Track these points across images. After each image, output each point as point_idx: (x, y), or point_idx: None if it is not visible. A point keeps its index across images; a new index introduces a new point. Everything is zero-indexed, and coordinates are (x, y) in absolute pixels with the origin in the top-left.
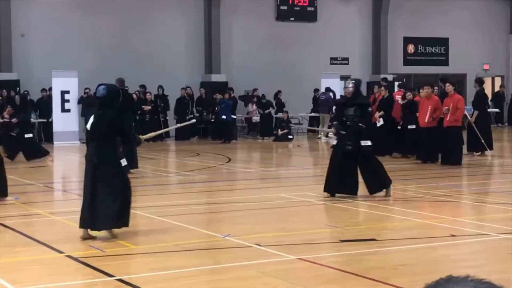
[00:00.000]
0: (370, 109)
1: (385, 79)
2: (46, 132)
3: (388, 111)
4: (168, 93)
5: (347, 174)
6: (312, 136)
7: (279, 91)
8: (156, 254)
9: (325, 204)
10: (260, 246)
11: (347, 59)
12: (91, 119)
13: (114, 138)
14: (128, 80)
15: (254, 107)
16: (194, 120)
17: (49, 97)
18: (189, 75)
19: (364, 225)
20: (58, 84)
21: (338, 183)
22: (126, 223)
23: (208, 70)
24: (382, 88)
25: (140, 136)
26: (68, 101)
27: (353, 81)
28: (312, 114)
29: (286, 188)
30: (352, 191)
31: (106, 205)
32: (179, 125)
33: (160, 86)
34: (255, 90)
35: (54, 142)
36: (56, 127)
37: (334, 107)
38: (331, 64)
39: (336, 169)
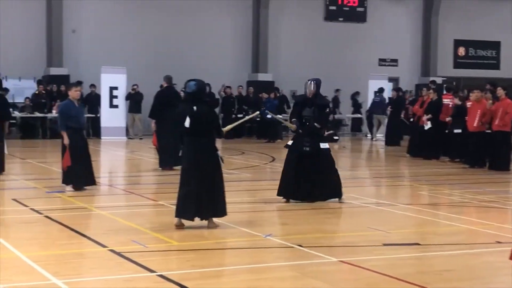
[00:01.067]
0: (328, 110)
1: (433, 82)
2: (94, 127)
3: (436, 114)
4: (214, 92)
5: (303, 178)
6: (358, 138)
7: (357, 92)
8: (198, 251)
9: (368, 207)
10: (301, 247)
11: (396, 60)
12: (188, 117)
13: (211, 132)
14: (174, 78)
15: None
16: (258, 112)
17: (97, 93)
18: (235, 74)
19: (407, 229)
20: (107, 80)
21: (293, 186)
22: (225, 212)
23: (254, 69)
24: (431, 90)
25: (222, 129)
26: (116, 97)
27: (315, 81)
28: (354, 115)
29: None
30: (308, 195)
31: (210, 196)
32: (248, 117)
33: (207, 84)
34: (294, 92)
35: (102, 137)
36: (103, 123)
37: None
38: (379, 65)
39: (290, 172)
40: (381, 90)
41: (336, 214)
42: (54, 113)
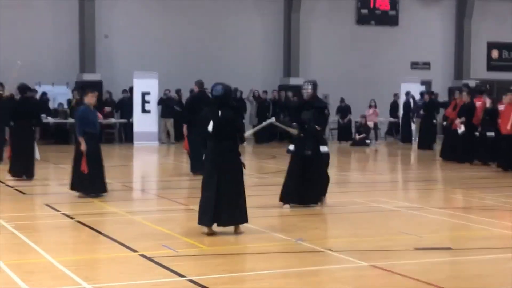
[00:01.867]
0: (327, 111)
1: (466, 85)
2: (127, 132)
3: (469, 117)
4: (244, 96)
5: (307, 182)
6: (391, 142)
7: (396, 94)
8: (227, 256)
9: (399, 211)
10: (332, 251)
11: (428, 63)
12: (212, 121)
13: (235, 137)
14: (206, 82)
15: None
16: (273, 119)
17: (130, 98)
18: (266, 77)
19: (440, 233)
20: (139, 85)
21: (296, 191)
22: (246, 219)
23: (286, 73)
24: (464, 93)
25: (244, 134)
26: (148, 102)
27: (311, 83)
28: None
29: (361, 193)
30: (311, 200)
31: (230, 201)
32: (262, 125)
33: (236, 89)
34: (325, 96)
35: (134, 142)
36: (136, 128)
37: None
38: (411, 68)
39: (294, 177)
40: (407, 93)
41: (367, 218)
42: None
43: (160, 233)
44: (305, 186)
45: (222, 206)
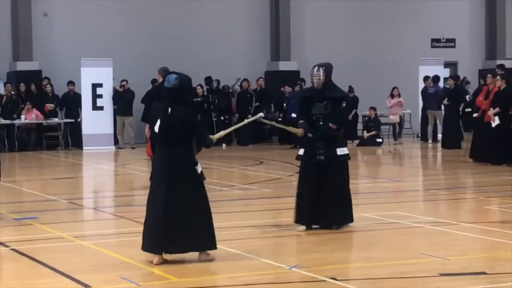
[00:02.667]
0: (344, 104)
1: (501, 66)
2: (74, 135)
3: (506, 107)
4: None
5: (323, 197)
6: (408, 140)
7: (466, 79)
8: None
9: (421, 227)
10: (336, 280)
11: (453, 40)
12: (159, 119)
13: (188, 141)
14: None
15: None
16: (260, 114)
17: (77, 92)
18: (250, 64)
19: (471, 254)
20: (88, 75)
21: (313, 209)
22: (213, 245)
23: (274, 57)
24: (498, 77)
25: (211, 136)
26: (100, 96)
27: (323, 67)
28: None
29: (372, 206)
30: (329, 221)
31: (188, 222)
32: (245, 121)
33: (215, 80)
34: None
35: (84, 148)
36: (86, 129)
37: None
38: (432, 47)
39: (309, 190)
40: (435, 79)
41: (381, 238)
42: (23, 119)
43: (118, 262)
44: (322, 202)
45: (174, 229)
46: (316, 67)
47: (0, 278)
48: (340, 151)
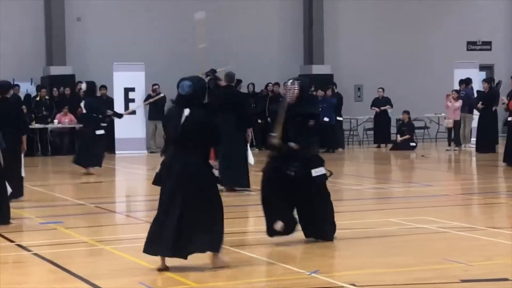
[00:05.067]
0: (312, 122)
1: None
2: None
3: None
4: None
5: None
6: (442, 144)
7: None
8: None
9: (446, 232)
10: (356, 286)
11: (489, 43)
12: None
13: (204, 144)
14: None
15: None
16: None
17: (109, 96)
18: (282, 67)
19: (495, 260)
20: (121, 79)
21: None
22: (217, 247)
23: (308, 60)
24: None
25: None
26: (133, 100)
27: (299, 81)
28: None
29: (399, 210)
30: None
31: (201, 226)
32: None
33: (250, 84)
34: (359, 87)
35: (116, 152)
36: (118, 133)
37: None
38: (468, 50)
39: (277, 202)
40: (467, 81)
41: (403, 243)
42: (56, 124)
43: (137, 267)
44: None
45: (186, 234)
46: (291, 81)
47: (20, 282)
48: (316, 172)
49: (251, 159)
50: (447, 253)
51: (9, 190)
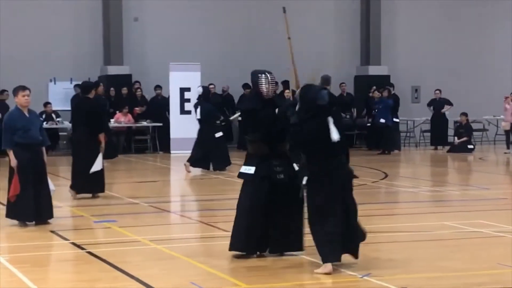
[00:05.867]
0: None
1: None
2: (162, 139)
3: None
4: None
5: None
6: (500, 147)
7: None
8: None
9: (503, 237)
10: None
11: None
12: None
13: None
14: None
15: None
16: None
17: (164, 96)
18: (339, 68)
19: None
20: (177, 79)
21: (261, 235)
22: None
23: (364, 61)
24: None
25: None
26: (188, 100)
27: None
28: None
29: (455, 214)
30: (294, 245)
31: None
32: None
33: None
34: (416, 89)
35: (171, 151)
36: (173, 133)
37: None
38: None
39: (255, 214)
40: None
41: (459, 247)
42: (113, 123)
43: (189, 267)
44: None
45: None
46: (270, 74)
47: (73, 280)
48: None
49: None
50: (503, 258)
51: (52, 188)
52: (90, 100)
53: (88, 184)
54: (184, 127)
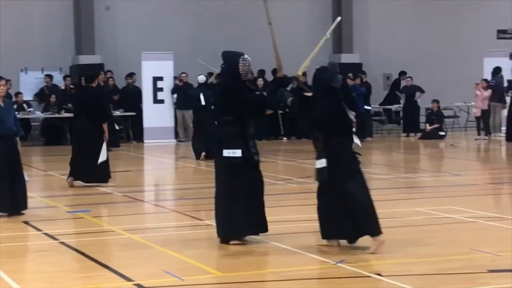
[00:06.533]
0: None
1: None
2: (135, 128)
3: None
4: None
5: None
6: (471, 133)
7: (498, 68)
8: (248, 284)
9: (475, 222)
10: (382, 276)
11: None
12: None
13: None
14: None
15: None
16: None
17: (136, 86)
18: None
19: None
20: (149, 68)
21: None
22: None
23: (337, 49)
24: None
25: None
26: (161, 89)
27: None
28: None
29: (427, 200)
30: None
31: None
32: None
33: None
34: (388, 76)
35: (145, 141)
36: (146, 123)
37: None
38: (498, 38)
39: (241, 200)
40: (497, 70)
41: (431, 233)
42: None
43: (163, 256)
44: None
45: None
46: (246, 55)
47: (46, 271)
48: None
49: None
50: (475, 243)
51: (26, 178)
52: (94, 89)
53: (95, 173)
54: (157, 116)
